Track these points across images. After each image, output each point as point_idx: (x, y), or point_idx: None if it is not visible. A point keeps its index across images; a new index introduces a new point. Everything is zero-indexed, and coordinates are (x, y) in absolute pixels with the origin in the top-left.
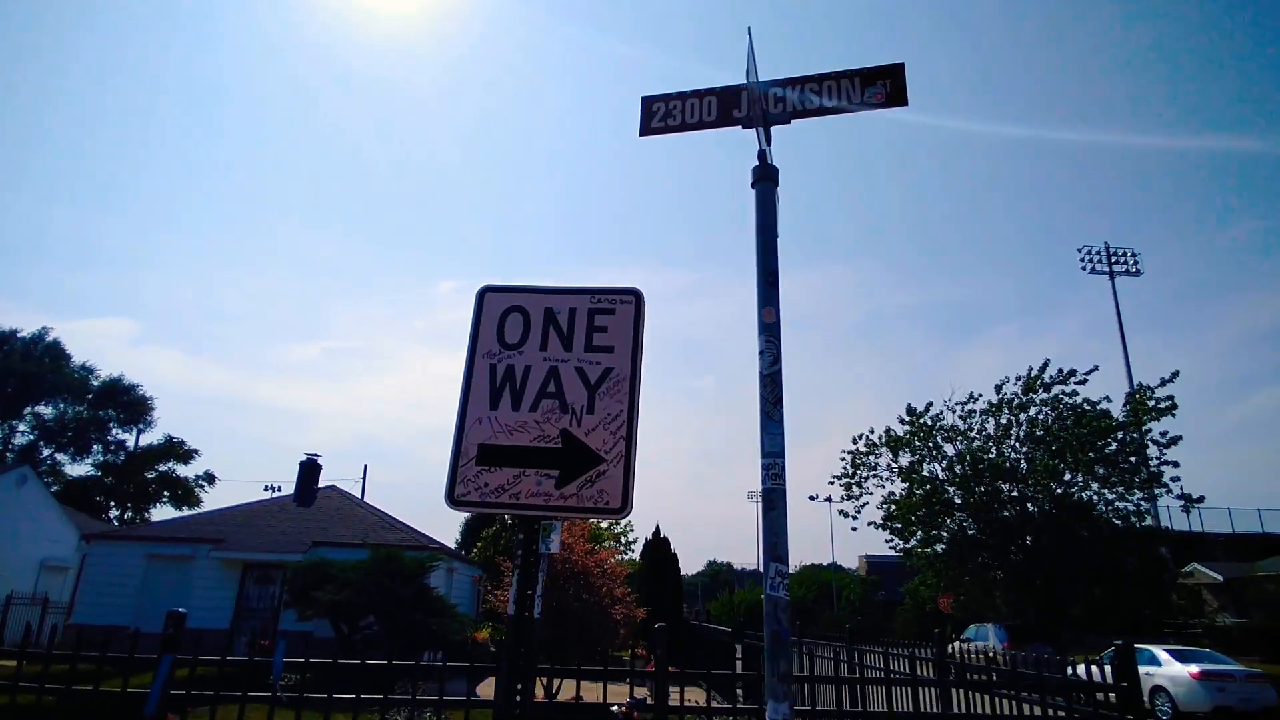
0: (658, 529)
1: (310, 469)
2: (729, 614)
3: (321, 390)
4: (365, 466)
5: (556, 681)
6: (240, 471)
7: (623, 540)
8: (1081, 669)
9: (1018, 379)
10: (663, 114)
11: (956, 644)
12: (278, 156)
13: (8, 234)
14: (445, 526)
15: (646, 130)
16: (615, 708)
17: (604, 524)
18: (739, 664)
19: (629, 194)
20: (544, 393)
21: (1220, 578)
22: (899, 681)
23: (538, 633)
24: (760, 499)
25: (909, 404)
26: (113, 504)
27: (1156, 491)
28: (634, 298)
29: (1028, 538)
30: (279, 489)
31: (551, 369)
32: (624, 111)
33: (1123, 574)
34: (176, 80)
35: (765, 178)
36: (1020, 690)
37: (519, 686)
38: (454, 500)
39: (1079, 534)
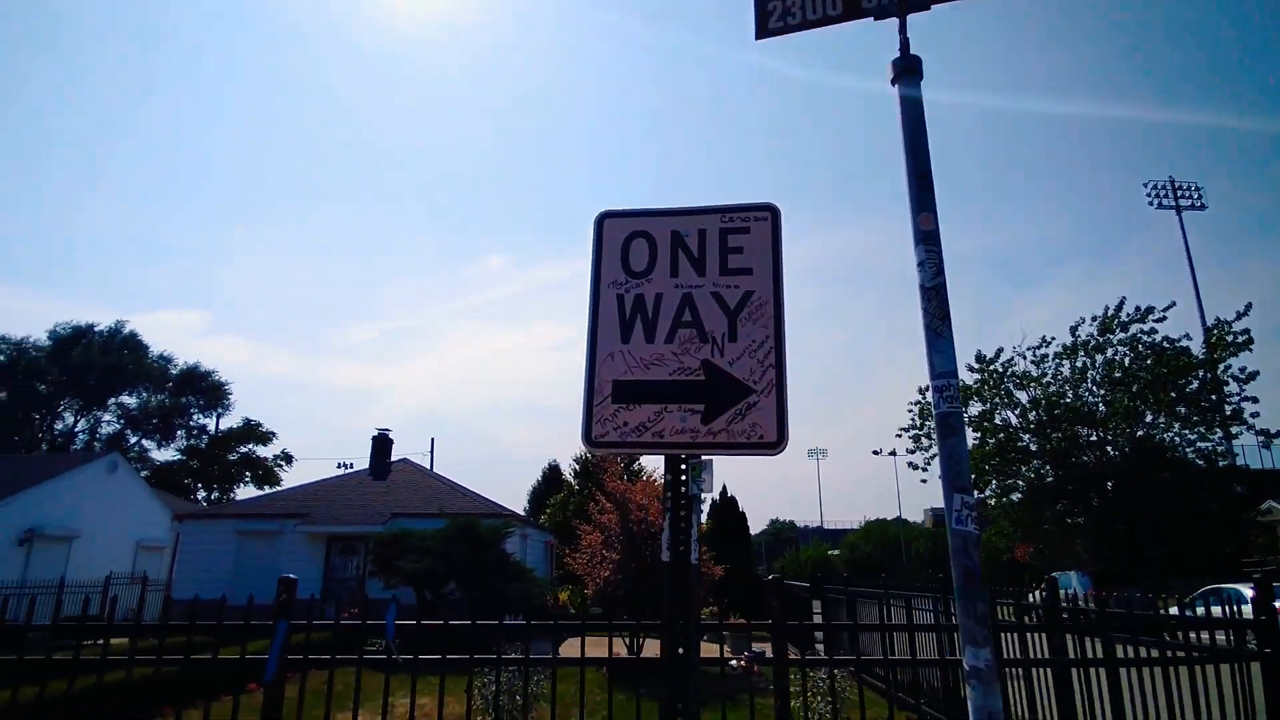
0: (725, 488)
1: (382, 443)
2: (797, 571)
3: (381, 369)
4: (432, 440)
5: (641, 639)
6: (311, 450)
7: None
8: (1174, 610)
9: (1093, 319)
10: (780, 12)
11: (1037, 593)
12: (329, 146)
13: (80, 231)
14: (512, 495)
15: (763, 32)
16: (734, 661)
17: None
18: (817, 618)
19: (673, 164)
20: (679, 322)
21: None
22: (1030, 628)
23: (659, 585)
24: (936, 424)
25: (978, 351)
26: (199, 486)
27: (1235, 429)
28: (769, 213)
29: (1108, 483)
30: (350, 465)
31: (685, 296)
32: (661, 78)
33: (1204, 515)
34: (239, 82)
35: (908, 70)
36: (1135, 632)
37: (683, 640)
38: (592, 441)
39: (1160, 476)
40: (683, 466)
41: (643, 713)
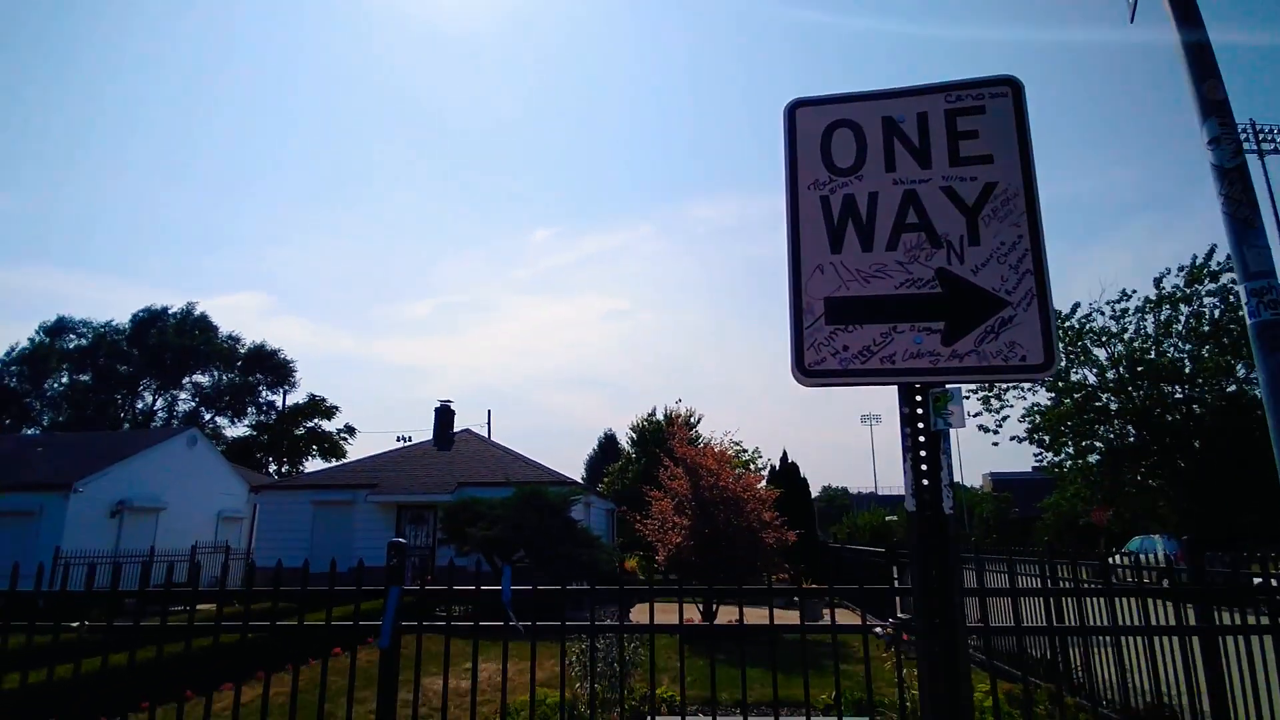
0: (785, 454)
1: (445, 414)
2: (854, 537)
3: (436, 344)
4: (489, 412)
5: (715, 605)
6: (371, 424)
7: (752, 466)
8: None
9: (1180, 270)
10: None
11: (1118, 557)
12: (374, 126)
13: (147, 221)
14: (568, 465)
15: None
16: (879, 629)
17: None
18: (895, 583)
19: (712, 122)
20: (902, 225)
21: None
22: (1121, 591)
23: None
24: (1253, 337)
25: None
26: (270, 460)
27: None
28: (1009, 88)
29: (1195, 442)
30: (409, 438)
31: (907, 194)
32: (698, 37)
33: None
34: (283, 67)
35: None
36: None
37: (942, 602)
38: (806, 371)
39: (1254, 435)
40: (918, 399)
41: (729, 677)
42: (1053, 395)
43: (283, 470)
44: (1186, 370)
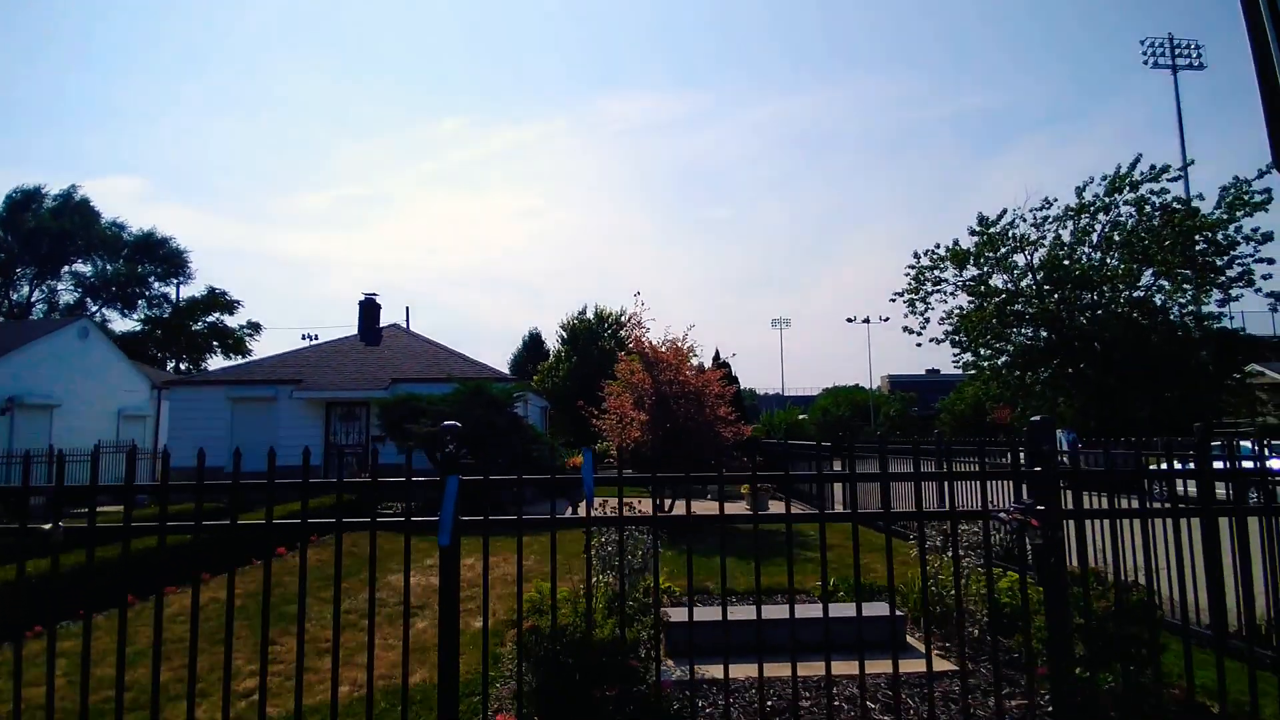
0: (718, 353)
1: (371, 308)
2: (769, 434)
3: (338, 239)
4: (407, 309)
5: (668, 502)
6: (272, 322)
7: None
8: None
9: (1103, 179)
10: None
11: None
12: None
13: (11, 98)
14: (490, 363)
15: None
16: (1003, 513)
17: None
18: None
19: (625, 11)
20: None
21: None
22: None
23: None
24: None
25: (979, 213)
26: (168, 357)
27: (1236, 292)
28: None
29: (1095, 344)
30: (315, 336)
31: None
32: None
33: (1195, 375)
34: None
35: None
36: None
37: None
38: None
39: (1151, 337)
40: None
41: (705, 566)
42: (973, 300)
43: (182, 369)
44: (1096, 278)
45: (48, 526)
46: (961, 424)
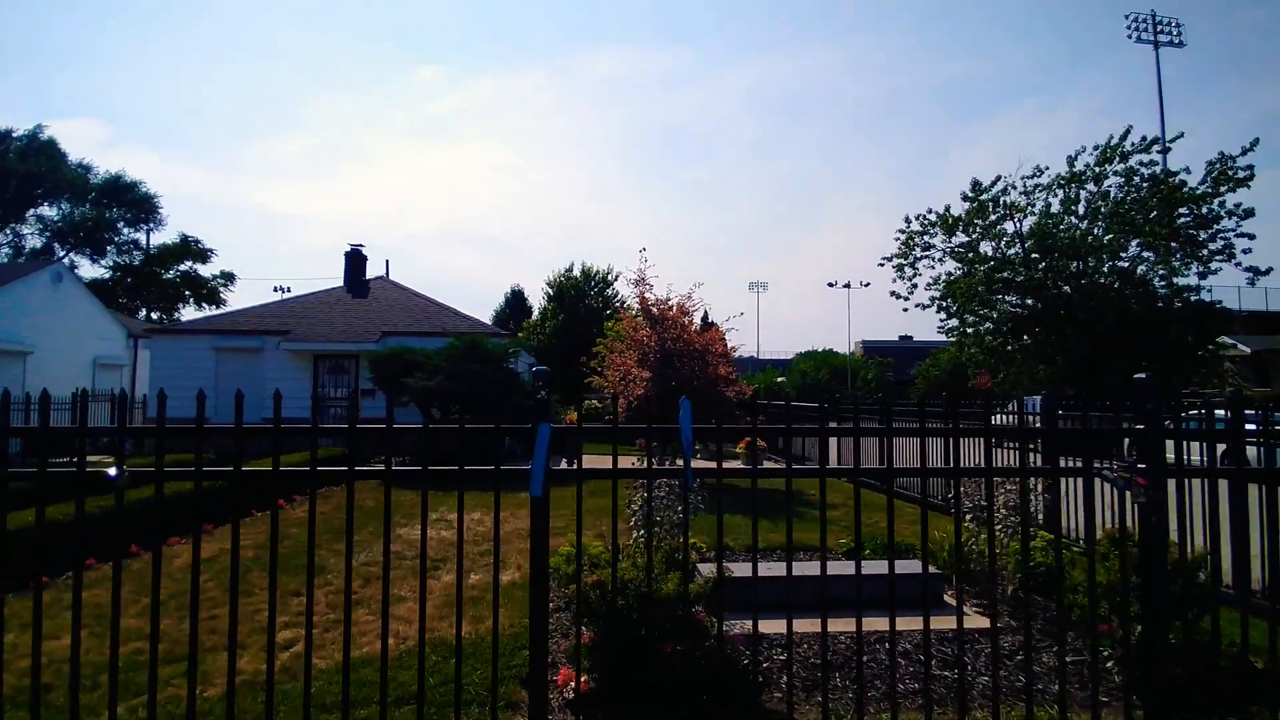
0: (706, 314)
1: (357, 259)
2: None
3: (310, 191)
4: (387, 263)
5: (667, 460)
6: (241, 274)
7: None
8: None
9: (1095, 148)
10: None
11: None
12: None
13: None
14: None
15: None
16: (1107, 472)
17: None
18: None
19: None
20: None
21: (1248, 350)
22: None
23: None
24: None
25: (974, 178)
26: (139, 305)
27: (1216, 265)
28: None
29: (1079, 313)
30: (288, 290)
31: None
32: None
33: (1173, 346)
34: None
35: None
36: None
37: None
38: None
39: (1132, 307)
40: None
41: (733, 524)
42: (960, 266)
43: (153, 318)
44: (1082, 247)
45: (112, 470)
46: (937, 389)
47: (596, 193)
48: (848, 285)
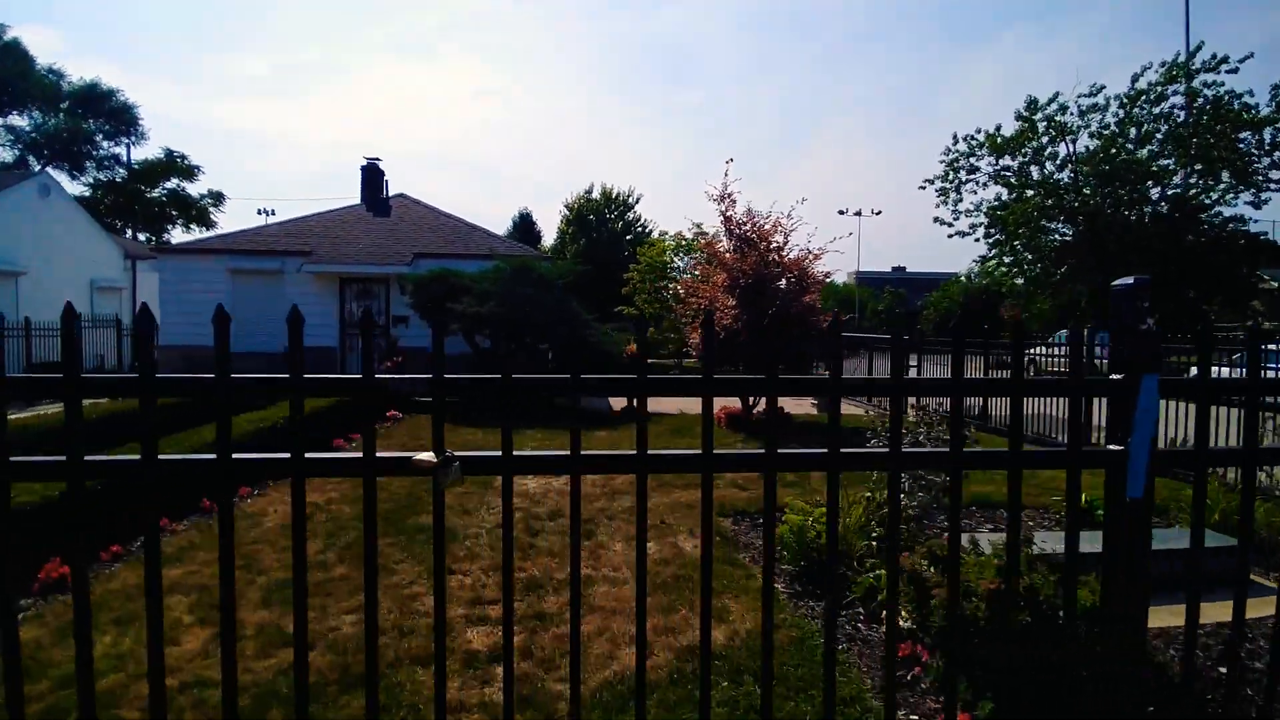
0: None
1: (374, 174)
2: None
3: (282, 109)
4: (386, 184)
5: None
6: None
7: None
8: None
9: (1161, 65)
10: None
11: (1040, 349)
12: None
13: None
14: None
15: None
16: None
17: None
18: (913, 371)
19: None
20: None
21: (1276, 285)
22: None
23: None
24: None
25: (1029, 96)
26: (124, 226)
27: (1266, 196)
28: None
29: (1130, 239)
30: (273, 211)
31: None
32: None
33: (1227, 278)
34: None
35: None
36: None
37: None
38: None
39: (1186, 237)
40: None
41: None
42: (1008, 191)
43: (140, 239)
44: (1141, 170)
45: (423, 456)
46: (946, 321)
47: (580, 116)
48: (859, 213)
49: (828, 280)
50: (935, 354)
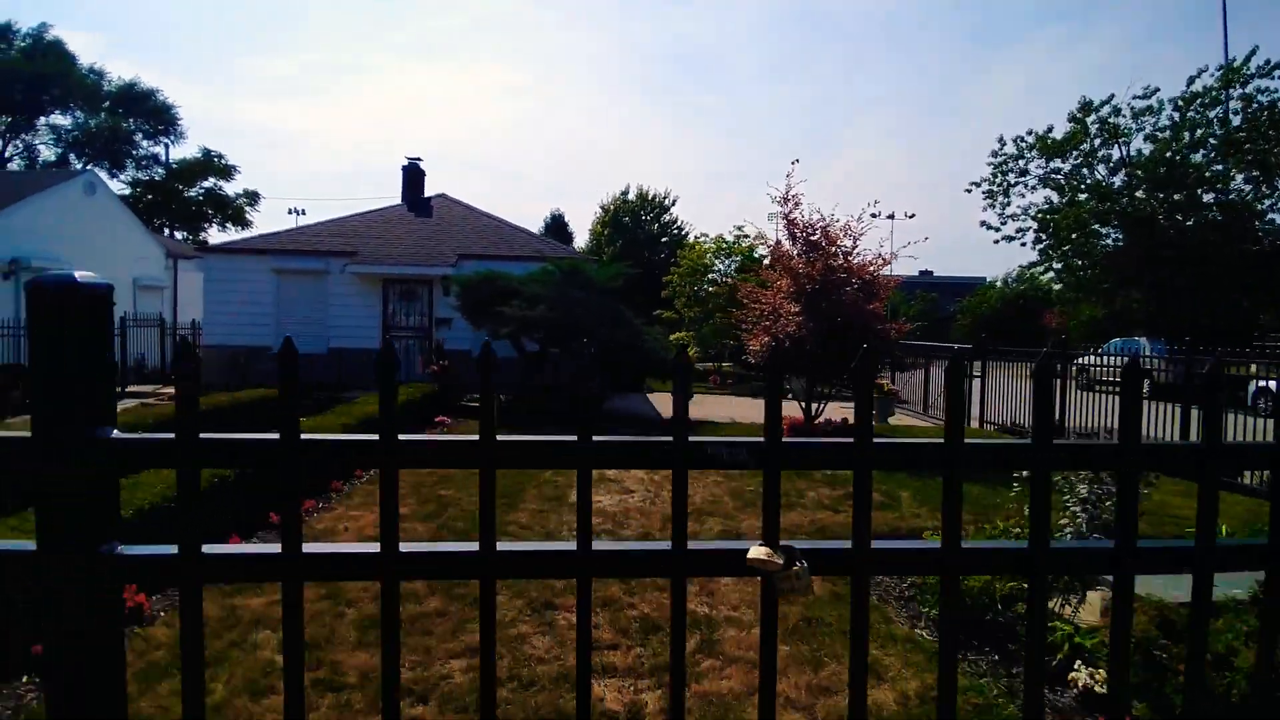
0: (779, 242)
1: (416, 174)
2: None
3: (308, 109)
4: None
5: (817, 404)
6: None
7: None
8: None
9: (1218, 69)
10: None
11: (1091, 357)
12: None
13: None
14: None
15: None
16: None
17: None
18: (977, 381)
19: None
20: None
21: None
22: None
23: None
24: None
25: (1083, 97)
26: (162, 225)
27: None
28: None
29: (1184, 247)
30: (303, 212)
31: None
32: None
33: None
34: None
35: None
36: None
37: None
38: None
39: (1241, 245)
40: None
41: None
42: (1057, 194)
43: (177, 238)
44: (1192, 176)
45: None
46: (981, 327)
47: (609, 117)
48: (891, 216)
49: (894, 287)
50: (1009, 362)
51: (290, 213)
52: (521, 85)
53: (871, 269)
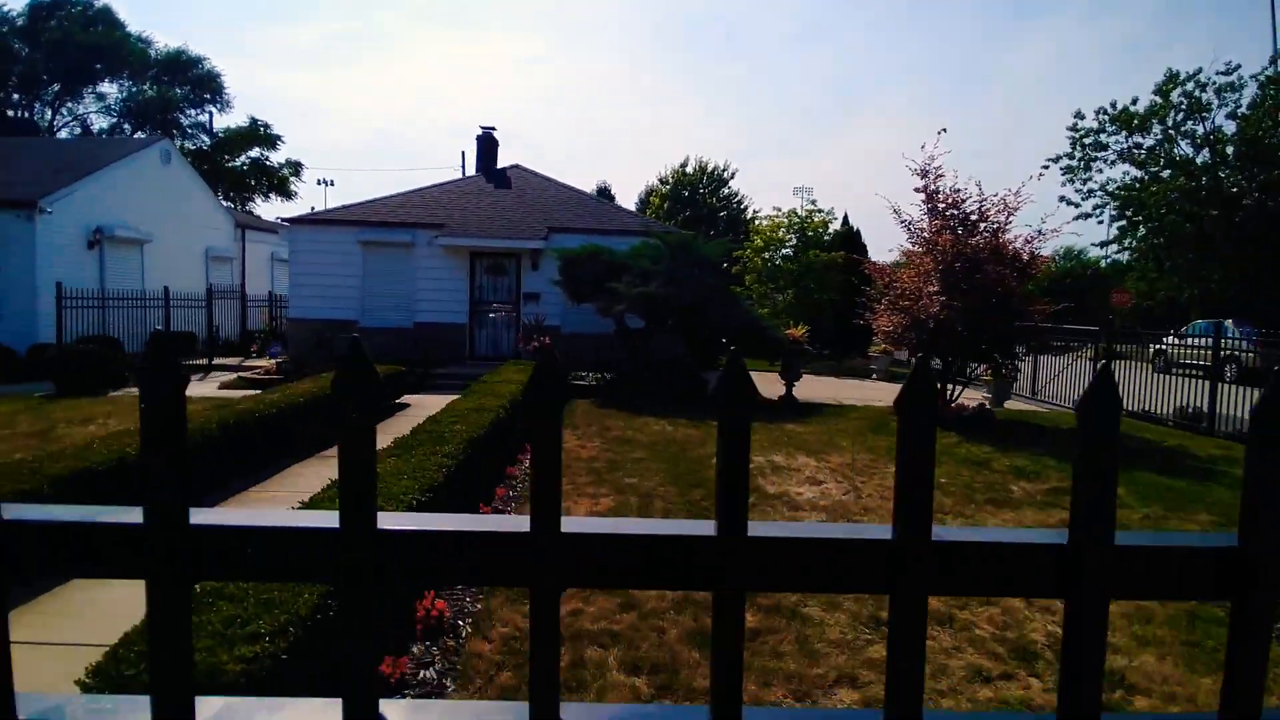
0: (846, 217)
1: (490, 144)
2: None
3: (327, 79)
4: (463, 154)
5: (951, 387)
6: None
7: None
8: None
9: None
10: None
11: (1173, 340)
12: None
13: None
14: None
15: None
16: None
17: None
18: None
19: None
20: None
21: None
22: None
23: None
24: None
25: (1169, 68)
26: (217, 196)
27: None
28: None
29: (1260, 227)
30: (332, 183)
31: None
32: None
33: None
34: None
35: None
36: None
37: None
38: None
39: None
40: None
41: None
42: (1143, 173)
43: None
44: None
45: None
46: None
47: (624, 88)
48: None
49: (1046, 265)
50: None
51: (319, 183)
52: (543, 53)
53: (1031, 248)
